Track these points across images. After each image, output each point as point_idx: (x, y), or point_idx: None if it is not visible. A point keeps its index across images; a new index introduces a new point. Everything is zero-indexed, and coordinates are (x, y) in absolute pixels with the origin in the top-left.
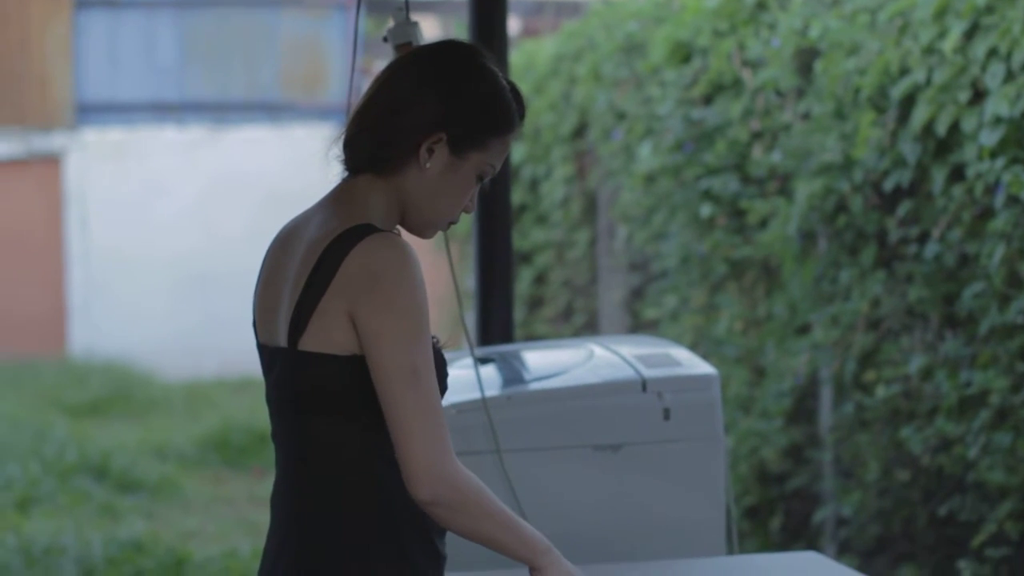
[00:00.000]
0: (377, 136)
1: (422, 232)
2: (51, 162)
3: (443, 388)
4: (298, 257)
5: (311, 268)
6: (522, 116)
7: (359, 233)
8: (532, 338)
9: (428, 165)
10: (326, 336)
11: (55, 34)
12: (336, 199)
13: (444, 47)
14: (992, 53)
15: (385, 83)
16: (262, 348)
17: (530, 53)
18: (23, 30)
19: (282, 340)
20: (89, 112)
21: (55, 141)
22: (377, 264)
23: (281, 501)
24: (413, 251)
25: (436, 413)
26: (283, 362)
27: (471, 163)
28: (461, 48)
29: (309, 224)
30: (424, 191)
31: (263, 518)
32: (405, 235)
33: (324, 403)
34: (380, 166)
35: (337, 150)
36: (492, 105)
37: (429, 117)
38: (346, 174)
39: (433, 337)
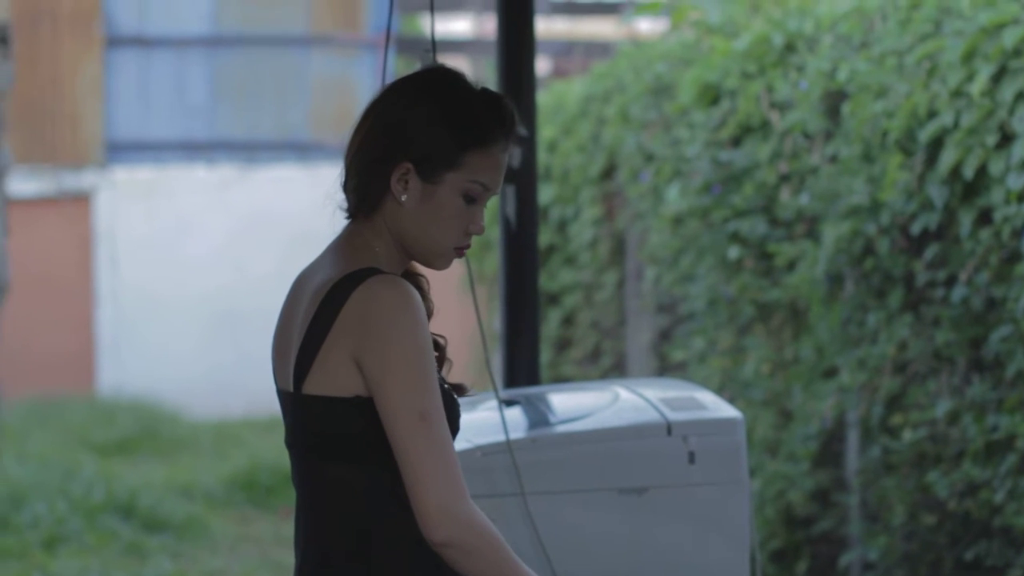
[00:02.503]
0: (355, 178)
1: (431, 263)
2: (81, 200)
3: (454, 431)
4: (304, 302)
5: (314, 312)
6: (504, 125)
7: (360, 276)
8: (560, 379)
9: (404, 198)
10: (329, 379)
11: (86, 73)
12: (340, 243)
13: (411, 76)
14: (1020, 96)
15: (358, 123)
16: (278, 393)
17: (559, 94)
18: (54, 69)
19: (291, 384)
20: (119, 151)
21: (85, 179)
22: (377, 307)
23: (299, 544)
24: (414, 292)
25: (448, 454)
26: (293, 406)
27: (448, 185)
28: (427, 75)
29: (317, 270)
30: (410, 224)
31: (289, 558)
32: (427, 272)
33: (331, 447)
34: (365, 208)
35: (340, 196)
36: (452, 122)
37: (391, 150)
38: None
39: (444, 381)
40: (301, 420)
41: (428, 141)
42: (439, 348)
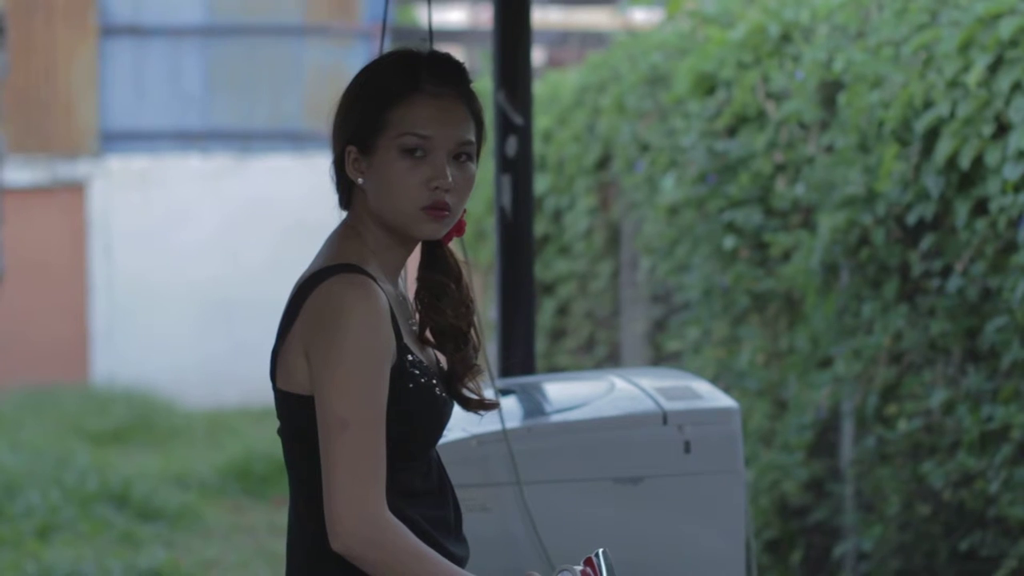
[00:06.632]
0: (332, 176)
1: (411, 232)
2: (75, 190)
3: (435, 431)
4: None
5: (286, 308)
6: (421, 71)
7: (327, 274)
8: (554, 369)
9: (360, 180)
10: (290, 375)
11: (80, 62)
12: (332, 236)
13: None
14: (1016, 87)
15: None
16: None
17: (554, 84)
18: (49, 58)
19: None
20: (114, 140)
21: (80, 169)
22: (328, 306)
23: (288, 530)
24: (373, 292)
25: (365, 466)
26: (274, 397)
27: (383, 149)
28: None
29: (310, 263)
30: (375, 201)
31: (283, 547)
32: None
33: (297, 439)
34: (343, 201)
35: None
36: (364, 89)
37: (337, 141)
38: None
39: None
40: (278, 411)
41: (354, 117)
42: (454, 331)
